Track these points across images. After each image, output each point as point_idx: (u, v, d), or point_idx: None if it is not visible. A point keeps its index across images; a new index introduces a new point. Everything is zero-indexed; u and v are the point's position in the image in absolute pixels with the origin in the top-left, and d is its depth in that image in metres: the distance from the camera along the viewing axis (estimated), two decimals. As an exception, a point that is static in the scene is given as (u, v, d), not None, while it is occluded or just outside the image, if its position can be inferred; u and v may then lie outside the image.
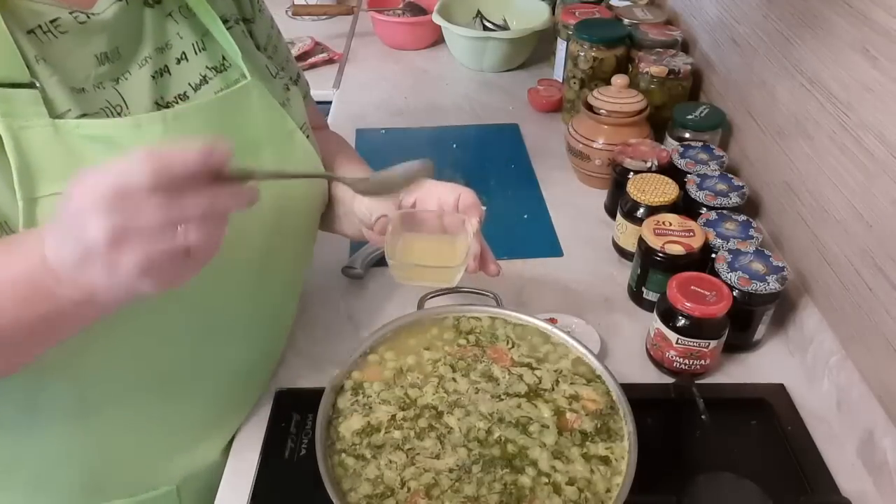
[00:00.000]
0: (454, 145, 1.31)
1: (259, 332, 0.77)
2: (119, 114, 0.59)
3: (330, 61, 1.63)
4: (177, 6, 0.65)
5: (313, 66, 1.60)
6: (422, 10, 1.67)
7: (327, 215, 0.84)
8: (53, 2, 0.57)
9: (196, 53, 0.66)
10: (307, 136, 0.74)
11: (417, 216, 0.75)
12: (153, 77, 0.62)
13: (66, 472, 0.70)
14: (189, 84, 0.64)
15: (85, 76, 0.59)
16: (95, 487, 0.72)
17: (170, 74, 0.63)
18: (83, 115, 0.57)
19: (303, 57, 1.60)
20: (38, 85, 0.55)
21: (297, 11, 1.76)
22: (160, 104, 0.62)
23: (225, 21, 0.67)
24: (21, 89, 0.54)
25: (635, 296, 0.95)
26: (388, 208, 0.74)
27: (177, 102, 0.63)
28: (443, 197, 0.74)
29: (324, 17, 1.79)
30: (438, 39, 1.67)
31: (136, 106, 0.61)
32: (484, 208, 0.74)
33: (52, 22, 0.57)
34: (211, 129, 0.63)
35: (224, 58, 0.68)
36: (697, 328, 0.80)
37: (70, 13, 0.58)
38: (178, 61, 0.64)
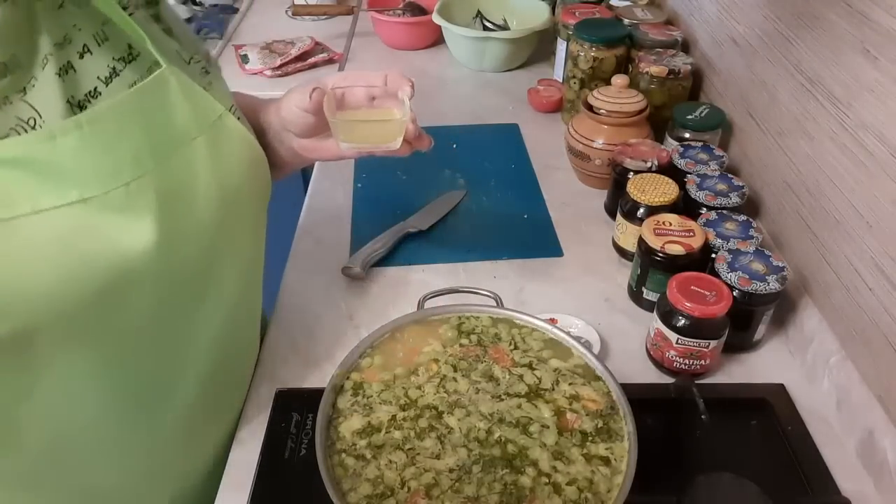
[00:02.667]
0: (454, 145, 1.31)
1: (220, 334, 0.72)
2: (33, 127, 0.52)
3: (330, 61, 1.63)
4: None
5: (313, 66, 1.60)
6: (422, 10, 1.67)
7: None
8: None
9: (99, 45, 0.58)
10: (238, 119, 0.69)
11: (349, 101, 0.78)
12: (58, 75, 0.55)
13: None
14: (98, 78, 0.58)
15: None
16: None
17: (75, 71, 0.56)
18: None
19: (303, 57, 1.60)
20: None
21: (297, 11, 1.76)
22: (72, 104, 0.55)
23: (125, 7, 0.60)
24: None
25: (635, 296, 0.95)
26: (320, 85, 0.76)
27: (89, 100, 0.56)
28: (370, 79, 0.76)
29: (324, 17, 1.79)
30: (438, 39, 1.67)
31: (50, 112, 0.53)
32: (413, 80, 0.76)
33: None
34: (133, 127, 0.57)
35: (131, 46, 0.61)
36: (697, 328, 0.80)
37: None
38: (81, 55, 0.57)
